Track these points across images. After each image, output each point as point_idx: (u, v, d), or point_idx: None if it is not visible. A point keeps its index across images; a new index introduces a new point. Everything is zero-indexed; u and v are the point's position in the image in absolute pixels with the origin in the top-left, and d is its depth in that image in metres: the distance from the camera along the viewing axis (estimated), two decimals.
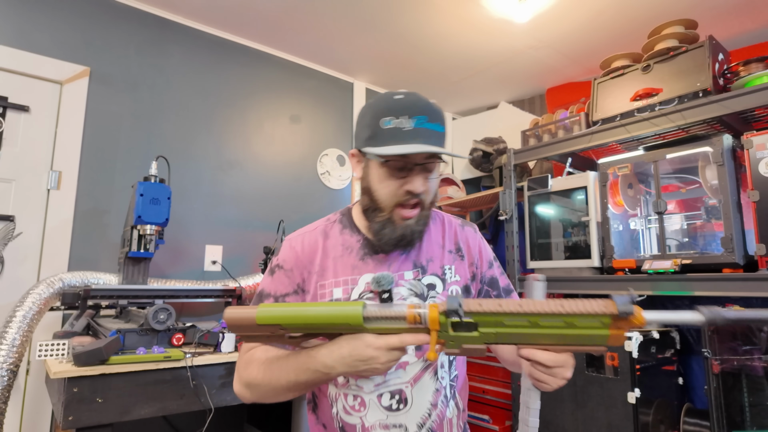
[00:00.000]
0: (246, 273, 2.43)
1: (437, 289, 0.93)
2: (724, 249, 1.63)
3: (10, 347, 1.65)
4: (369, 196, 0.90)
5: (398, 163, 0.85)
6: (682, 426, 1.82)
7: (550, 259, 2.20)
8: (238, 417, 2.38)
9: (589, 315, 0.64)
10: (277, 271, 0.94)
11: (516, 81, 3.07)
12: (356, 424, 0.88)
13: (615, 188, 2.03)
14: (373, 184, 0.89)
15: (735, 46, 2.35)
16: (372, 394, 0.88)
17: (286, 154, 2.78)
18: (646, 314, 0.63)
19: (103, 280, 1.93)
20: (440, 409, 0.91)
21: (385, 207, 0.88)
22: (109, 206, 2.14)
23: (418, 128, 0.82)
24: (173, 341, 1.64)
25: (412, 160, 0.84)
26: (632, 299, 0.62)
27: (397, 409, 0.87)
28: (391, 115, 0.83)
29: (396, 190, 0.86)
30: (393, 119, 0.83)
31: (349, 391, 0.89)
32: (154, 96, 2.33)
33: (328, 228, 0.98)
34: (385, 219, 0.88)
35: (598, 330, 0.64)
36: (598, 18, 2.32)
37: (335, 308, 0.72)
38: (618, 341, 0.65)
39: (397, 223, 0.88)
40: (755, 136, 1.60)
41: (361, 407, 0.88)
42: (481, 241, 1.04)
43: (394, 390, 0.88)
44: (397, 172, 0.85)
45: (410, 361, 0.90)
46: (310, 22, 2.44)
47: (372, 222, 0.90)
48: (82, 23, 2.15)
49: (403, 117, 0.83)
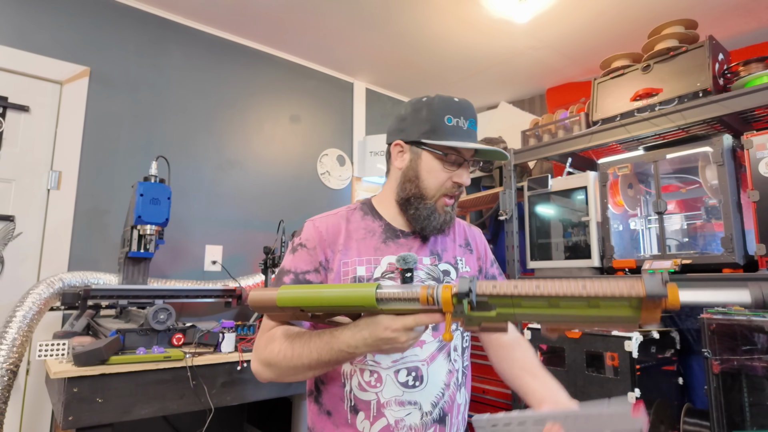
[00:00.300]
0: (246, 273, 2.43)
1: (451, 276, 1.00)
2: (724, 249, 1.63)
3: (10, 347, 1.65)
4: (415, 184, 0.97)
5: (454, 157, 0.95)
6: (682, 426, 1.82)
7: (550, 259, 2.20)
8: (238, 417, 2.38)
9: (615, 298, 0.59)
10: (300, 249, 0.97)
11: (516, 81, 3.07)
12: (371, 401, 0.90)
13: (615, 188, 2.03)
14: (422, 174, 0.96)
15: (735, 46, 2.35)
16: (389, 369, 0.90)
17: (286, 154, 2.78)
18: (683, 294, 0.56)
19: (103, 280, 1.93)
20: (452, 390, 0.94)
21: (432, 195, 0.96)
22: (109, 206, 2.14)
23: (470, 129, 0.96)
24: (173, 341, 1.64)
25: (464, 156, 0.96)
26: (664, 280, 0.57)
27: (413, 386, 0.90)
28: (451, 114, 0.94)
29: (446, 181, 0.96)
30: (453, 118, 0.94)
31: (365, 367, 0.91)
32: (154, 96, 2.33)
33: (350, 214, 1.03)
34: (430, 206, 0.96)
35: (626, 311, 0.59)
36: (598, 18, 2.32)
37: (350, 290, 0.75)
38: (652, 320, 0.59)
39: (440, 211, 0.97)
40: (755, 136, 1.60)
41: (378, 383, 0.90)
42: (485, 241, 1.15)
43: (411, 367, 0.91)
44: (449, 165, 0.95)
45: (427, 340, 0.93)
46: (310, 22, 2.44)
47: (415, 209, 0.97)
48: (82, 23, 2.15)
49: (461, 117, 0.95)
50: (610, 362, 1.76)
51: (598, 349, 1.80)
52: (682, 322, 2.08)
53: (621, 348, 1.71)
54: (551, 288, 0.63)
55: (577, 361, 1.84)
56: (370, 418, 0.89)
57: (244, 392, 1.66)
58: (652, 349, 1.82)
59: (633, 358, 1.69)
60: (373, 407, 0.89)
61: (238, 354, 1.66)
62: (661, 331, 1.87)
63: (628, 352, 1.70)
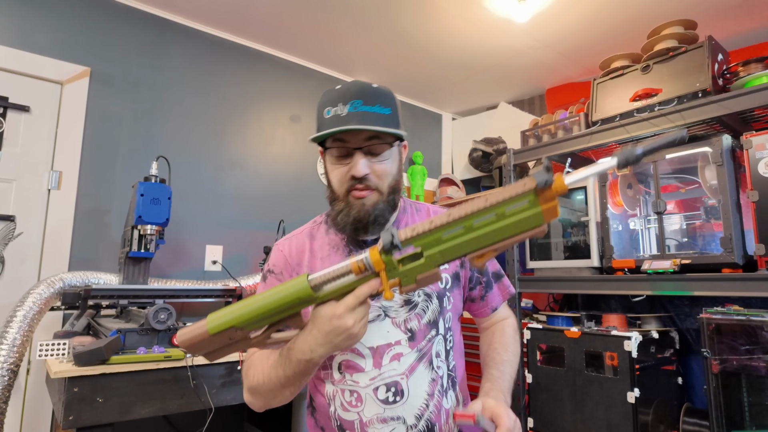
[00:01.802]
0: (246, 273, 2.44)
1: None
2: (724, 249, 1.63)
3: (10, 347, 1.65)
4: (329, 186, 0.93)
5: (339, 150, 0.87)
6: (682, 426, 1.82)
7: (549, 259, 2.21)
8: (238, 417, 2.39)
9: (513, 198, 0.61)
10: (269, 276, 0.97)
11: (515, 81, 3.08)
12: (354, 420, 0.88)
13: (614, 188, 2.04)
14: (328, 174, 0.92)
15: (734, 46, 2.35)
16: (368, 388, 0.88)
17: (286, 154, 2.78)
18: (567, 178, 0.60)
19: (104, 280, 1.94)
20: (437, 399, 0.91)
21: (339, 194, 0.90)
22: (109, 206, 2.14)
23: (352, 112, 0.84)
24: (174, 341, 1.64)
25: (351, 145, 0.86)
26: (546, 166, 0.59)
27: (393, 402, 0.88)
28: (329, 105, 0.87)
29: (343, 176, 0.88)
30: (331, 108, 0.86)
31: (345, 387, 0.90)
32: (154, 96, 2.33)
33: (314, 230, 1.01)
34: (341, 206, 0.90)
35: (530, 210, 0.62)
36: (597, 18, 2.32)
37: (281, 288, 0.69)
38: (553, 214, 0.62)
39: (353, 204, 0.89)
40: (754, 137, 1.60)
41: (358, 402, 0.88)
42: None
43: (389, 382, 0.88)
44: (341, 158, 0.88)
45: (404, 352, 0.90)
46: (310, 22, 2.45)
47: (333, 210, 0.93)
48: (82, 23, 2.16)
49: (339, 104, 0.85)
50: (609, 362, 1.76)
51: (597, 348, 1.80)
52: (682, 322, 2.08)
53: (620, 348, 1.72)
54: (461, 211, 0.64)
55: (577, 361, 1.84)
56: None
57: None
58: (651, 349, 1.82)
59: (632, 357, 1.69)
60: (357, 427, 0.88)
61: (238, 354, 1.67)
62: (660, 330, 1.87)
63: (628, 351, 1.70)
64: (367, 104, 0.85)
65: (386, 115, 0.86)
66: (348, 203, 0.89)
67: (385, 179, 0.90)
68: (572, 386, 1.85)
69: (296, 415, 1.94)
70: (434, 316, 0.94)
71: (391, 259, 0.67)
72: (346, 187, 0.89)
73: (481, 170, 3.05)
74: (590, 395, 1.79)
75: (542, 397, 1.95)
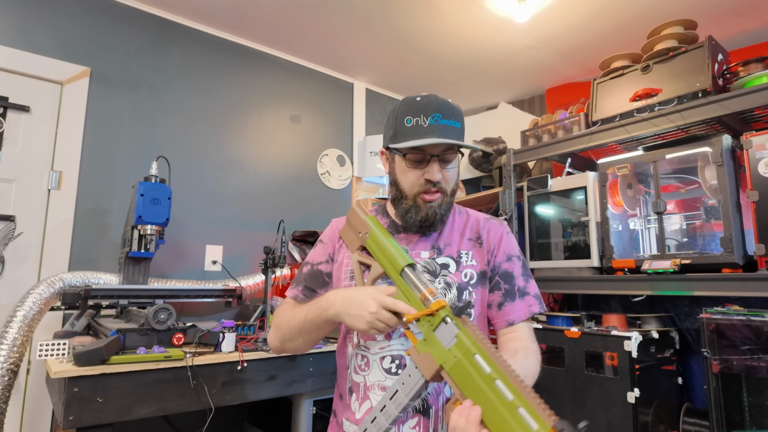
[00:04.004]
0: (246, 273, 2.44)
1: (450, 269, 1.01)
2: (724, 249, 1.63)
3: (10, 347, 1.65)
4: (396, 187, 1.03)
5: (417, 156, 0.97)
6: (682, 426, 1.82)
7: (549, 259, 2.21)
8: (238, 417, 2.39)
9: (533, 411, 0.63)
10: (319, 244, 1.13)
11: (515, 81, 3.08)
12: (360, 383, 0.98)
13: (614, 188, 2.04)
14: (398, 176, 1.02)
15: (734, 47, 2.35)
16: (376, 356, 0.97)
17: (286, 154, 2.78)
18: None
19: (104, 280, 1.94)
20: (439, 384, 0.94)
21: (408, 195, 1.00)
22: (109, 206, 2.14)
23: (433, 125, 0.94)
24: (174, 341, 1.64)
25: (429, 152, 0.96)
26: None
27: (395, 373, 0.94)
28: (410, 114, 0.96)
29: (417, 180, 0.98)
30: (412, 118, 0.96)
31: (359, 351, 1.00)
32: (154, 96, 2.33)
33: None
34: (410, 205, 1.00)
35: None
36: (597, 18, 2.32)
37: (397, 247, 0.92)
38: None
39: (421, 207, 0.99)
40: (754, 137, 1.60)
41: (366, 367, 0.98)
42: (506, 234, 1.10)
43: (395, 354, 0.95)
44: (417, 164, 0.97)
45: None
46: (310, 22, 2.45)
47: (399, 209, 1.03)
48: (82, 23, 2.16)
49: (421, 116, 0.95)
50: (609, 362, 1.76)
51: (597, 348, 1.80)
52: (682, 322, 2.08)
53: (620, 348, 1.72)
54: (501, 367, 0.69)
55: (577, 361, 1.84)
56: (359, 399, 0.97)
57: (244, 392, 1.66)
58: (651, 349, 1.82)
59: (632, 357, 1.69)
60: (362, 389, 0.96)
61: (238, 354, 1.67)
62: (660, 330, 1.87)
63: (628, 351, 1.70)
64: (446, 118, 0.96)
65: (458, 128, 0.97)
66: (416, 204, 1.00)
67: (451, 183, 1.01)
68: (572, 386, 1.85)
69: (296, 415, 1.94)
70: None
71: (436, 319, 0.78)
72: (417, 190, 0.99)
73: (481, 170, 3.05)
74: (590, 395, 1.79)
75: (542, 397, 1.95)
